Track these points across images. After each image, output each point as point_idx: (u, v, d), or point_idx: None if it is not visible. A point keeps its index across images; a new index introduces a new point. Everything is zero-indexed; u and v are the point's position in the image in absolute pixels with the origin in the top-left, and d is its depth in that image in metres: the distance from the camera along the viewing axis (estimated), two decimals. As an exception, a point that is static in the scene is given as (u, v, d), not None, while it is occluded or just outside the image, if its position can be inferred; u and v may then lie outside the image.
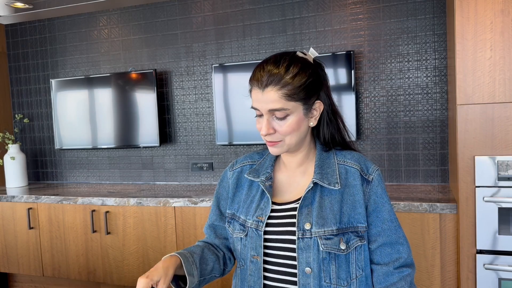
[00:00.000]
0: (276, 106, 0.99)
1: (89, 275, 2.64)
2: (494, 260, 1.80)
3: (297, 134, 1.04)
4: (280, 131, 1.02)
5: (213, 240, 1.22)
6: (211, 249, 1.18)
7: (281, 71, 0.99)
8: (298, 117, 1.03)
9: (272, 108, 1.00)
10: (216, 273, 1.16)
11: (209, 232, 1.23)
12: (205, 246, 1.17)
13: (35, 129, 3.39)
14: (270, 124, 1.02)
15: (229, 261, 1.21)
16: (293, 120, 1.02)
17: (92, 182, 3.26)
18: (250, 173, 1.15)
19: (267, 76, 0.99)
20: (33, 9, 2.97)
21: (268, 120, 1.02)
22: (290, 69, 1.00)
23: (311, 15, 2.62)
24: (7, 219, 2.81)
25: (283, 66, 1.00)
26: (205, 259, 1.13)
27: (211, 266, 1.14)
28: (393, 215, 1.09)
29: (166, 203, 2.41)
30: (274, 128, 1.03)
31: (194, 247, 1.16)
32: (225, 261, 1.20)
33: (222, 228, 1.22)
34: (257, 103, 1.02)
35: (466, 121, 1.81)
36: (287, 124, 1.02)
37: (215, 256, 1.16)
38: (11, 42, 3.38)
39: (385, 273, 1.07)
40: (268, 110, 1.01)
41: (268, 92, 0.99)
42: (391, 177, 2.54)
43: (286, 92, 0.99)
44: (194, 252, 1.11)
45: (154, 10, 2.97)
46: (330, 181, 1.06)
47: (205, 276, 1.12)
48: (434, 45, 2.40)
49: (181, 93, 2.96)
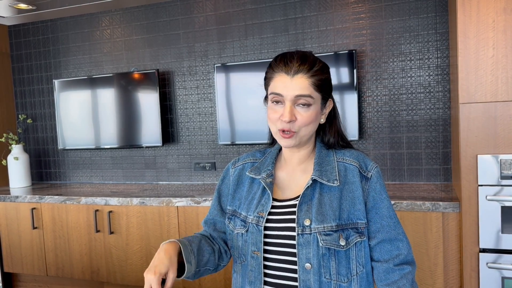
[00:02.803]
0: (305, 92, 1.02)
1: (93, 274, 2.65)
2: (497, 259, 1.80)
3: (312, 126, 1.07)
4: (301, 120, 1.04)
5: (211, 233, 1.23)
6: (208, 241, 1.18)
7: (311, 62, 1.04)
8: (317, 109, 1.06)
9: (300, 94, 1.02)
10: (210, 266, 1.17)
11: (208, 226, 1.24)
12: (202, 238, 1.18)
13: (38, 129, 3.40)
14: (293, 111, 1.03)
15: (225, 254, 1.22)
16: (313, 111, 1.05)
17: (95, 182, 3.27)
18: (251, 171, 1.17)
19: (298, 63, 1.03)
20: (36, 10, 2.98)
21: (291, 107, 1.03)
22: (317, 63, 1.05)
23: (313, 14, 2.62)
24: (11, 219, 2.82)
25: (311, 59, 1.05)
26: (202, 250, 1.13)
27: (207, 258, 1.14)
28: (392, 212, 1.10)
29: (169, 203, 2.42)
30: (295, 116, 1.04)
31: (192, 237, 1.16)
32: (221, 255, 1.20)
33: (221, 222, 1.23)
34: (283, 89, 1.03)
35: (469, 120, 1.81)
36: (309, 114, 1.04)
37: (211, 249, 1.17)
38: (14, 43, 3.39)
39: (386, 270, 1.08)
40: (295, 96, 1.02)
41: (298, 79, 1.02)
42: (394, 176, 2.53)
43: (315, 81, 1.03)
44: (193, 242, 1.12)
45: (156, 10, 2.97)
46: (329, 178, 1.07)
47: (200, 267, 1.12)
48: (436, 44, 2.40)
49: (184, 93, 2.97)
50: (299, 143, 1.08)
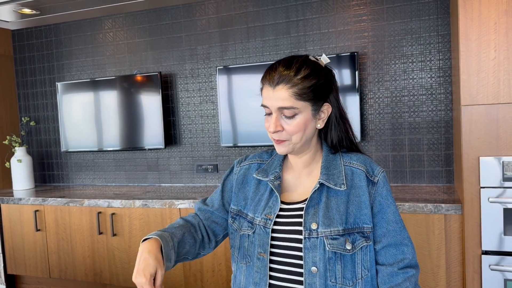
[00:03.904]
0: (286, 104, 1.02)
1: (96, 276, 2.66)
2: (500, 261, 1.80)
3: (304, 134, 1.07)
4: (288, 130, 1.05)
5: (203, 220, 1.22)
6: (190, 232, 1.17)
7: (292, 71, 1.03)
8: (306, 117, 1.05)
9: (281, 106, 1.03)
10: (189, 256, 1.16)
11: (203, 214, 1.23)
12: (186, 228, 1.16)
13: (41, 131, 3.42)
14: (279, 122, 1.05)
15: (207, 245, 1.21)
16: (301, 120, 1.04)
17: (98, 184, 3.28)
18: (258, 173, 1.17)
19: (279, 75, 1.03)
20: (40, 15, 3.00)
21: (276, 118, 1.05)
22: (301, 70, 1.03)
23: (314, 16, 2.63)
24: (14, 221, 2.84)
25: (295, 67, 1.04)
26: (183, 242, 1.13)
27: (187, 250, 1.14)
28: (397, 216, 1.10)
29: (171, 205, 2.42)
30: (282, 126, 1.05)
31: (176, 228, 1.15)
32: (203, 244, 1.20)
33: (218, 217, 1.22)
34: (267, 101, 1.06)
35: (471, 122, 1.81)
36: (295, 124, 1.04)
37: (193, 240, 1.16)
38: (17, 46, 3.41)
39: (390, 274, 1.08)
40: (277, 108, 1.04)
41: (278, 90, 1.03)
42: (396, 178, 2.53)
43: (296, 91, 1.02)
44: (175, 235, 1.11)
45: (158, 13, 2.99)
46: (336, 182, 1.08)
47: (178, 257, 1.12)
48: (438, 46, 2.40)
49: (186, 95, 2.98)
50: (293, 150, 1.09)
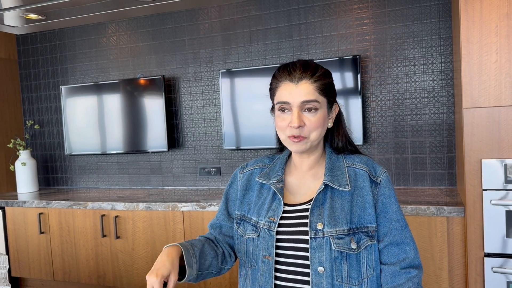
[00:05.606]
0: (310, 97, 1.05)
1: (99, 279, 2.67)
2: (502, 264, 1.80)
3: (321, 130, 1.10)
4: (309, 125, 1.06)
5: (217, 236, 1.24)
6: (211, 245, 1.19)
7: (313, 69, 1.08)
8: (324, 114, 1.09)
9: (306, 99, 1.05)
10: (213, 270, 1.18)
11: (214, 229, 1.26)
12: (206, 241, 1.19)
13: (45, 135, 3.44)
14: (301, 117, 1.06)
15: (229, 258, 1.23)
16: (321, 115, 1.08)
17: (101, 187, 3.30)
18: (261, 177, 1.18)
19: (301, 71, 1.07)
20: (46, 20, 3.03)
21: (299, 113, 1.06)
22: (319, 69, 1.09)
23: (317, 20, 2.64)
24: (18, 224, 2.85)
25: (313, 65, 1.09)
26: (205, 254, 1.15)
27: (209, 262, 1.16)
28: (400, 216, 1.12)
29: (174, 208, 2.44)
30: (304, 121, 1.06)
31: (196, 240, 1.18)
32: (224, 258, 1.22)
33: (227, 227, 1.24)
34: (288, 97, 1.06)
35: (473, 125, 1.81)
36: (316, 118, 1.07)
37: (214, 252, 1.18)
38: (21, 50, 3.44)
39: (392, 273, 1.09)
40: (301, 102, 1.05)
41: (303, 84, 1.06)
42: (399, 181, 2.54)
43: (318, 85, 1.06)
44: (195, 245, 1.13)
45: (162, 17, 3.01)
46: (340, 183, 1.09)
47: (202, 271, 1.14)
48: (440, 49, 2.41)
49: (189, 99, 2.99)
50: (310, 148, 1.10)
